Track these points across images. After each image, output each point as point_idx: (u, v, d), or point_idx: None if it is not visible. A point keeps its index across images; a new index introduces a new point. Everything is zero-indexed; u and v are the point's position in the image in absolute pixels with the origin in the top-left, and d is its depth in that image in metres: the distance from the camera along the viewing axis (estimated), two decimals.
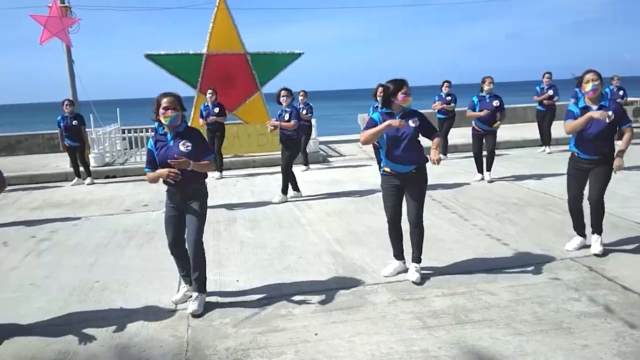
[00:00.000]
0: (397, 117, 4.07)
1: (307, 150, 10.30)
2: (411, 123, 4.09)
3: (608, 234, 4.79)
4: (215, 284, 4.29)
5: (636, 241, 4.82)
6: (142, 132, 11.44)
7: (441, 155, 10.08)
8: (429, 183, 4.33)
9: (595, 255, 4.47)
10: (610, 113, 4.28)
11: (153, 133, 4.27)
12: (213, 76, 11.44)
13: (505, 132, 8.42)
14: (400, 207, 4.25)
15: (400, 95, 4.01)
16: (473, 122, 8.01)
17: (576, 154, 4.54)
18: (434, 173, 8.66)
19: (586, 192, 4.55)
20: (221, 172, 9.54)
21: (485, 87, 7.88)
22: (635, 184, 7.20)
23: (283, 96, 7.31)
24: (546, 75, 10.70)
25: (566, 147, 10.40)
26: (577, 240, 4.69)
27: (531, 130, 12.18)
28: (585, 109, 4.36)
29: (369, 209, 6.65)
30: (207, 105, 9.48)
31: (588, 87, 4.29)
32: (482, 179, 8.00)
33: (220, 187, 8.59)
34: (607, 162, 4.41)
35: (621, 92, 10.95)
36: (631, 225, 5.31)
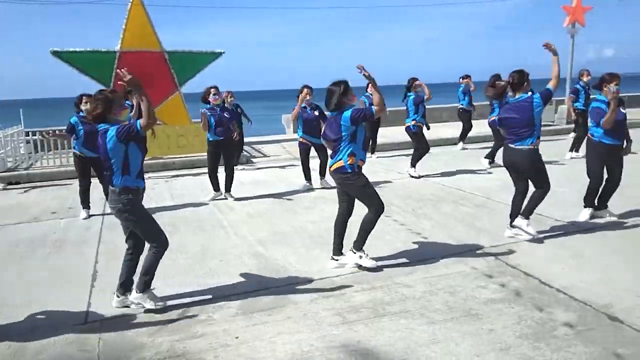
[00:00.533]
0: None
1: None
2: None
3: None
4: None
5: (537, 231, 5.22)
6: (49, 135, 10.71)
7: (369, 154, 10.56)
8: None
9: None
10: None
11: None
12: None
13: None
14: None
15: (350, 95, 4.26)
16: (416, 121, 8.27)
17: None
18: None
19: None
20: None
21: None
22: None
23: (214, 94, 7.06)
24: (465, 78, 11.33)
25: (481, 145, 11.10)
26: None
27: (446, 130, 12.85)
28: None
29: (293, 209, 6.69)
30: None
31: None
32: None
33: None
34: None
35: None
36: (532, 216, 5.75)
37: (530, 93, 4.87)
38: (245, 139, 12.81)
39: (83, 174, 6.60)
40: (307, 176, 7.85)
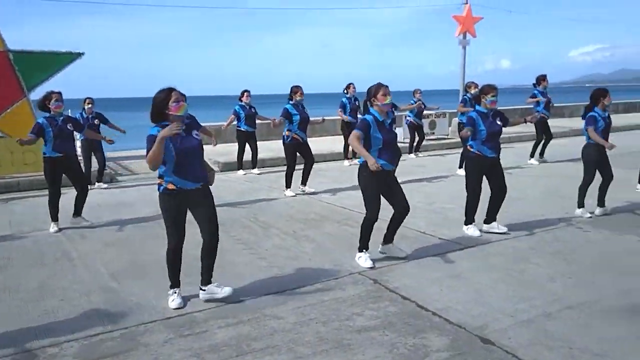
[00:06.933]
0: (181, 130, 4.02)
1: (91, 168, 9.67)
2: (195, 135, 4.19)
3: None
4: None
5: (420, 250, 5.48)
6: None
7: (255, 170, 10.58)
8: (227, 201, 4.41)
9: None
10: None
11: None
12: None
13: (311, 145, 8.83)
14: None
15: (172, 105, 4.03)
16: (292, 132, 8.33)
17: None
18: (235, 190, 8.78)
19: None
20: None
21: (297, 97, 8.37)
22: (424, 194, 8.27)
23: (56, 100, 6.57)
24: (351, 86, 11.72)
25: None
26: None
27: (337, 144, 13.21)
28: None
29: (160, 234, 6.39)
30: None
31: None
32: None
33: None
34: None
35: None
36: (416, 235, 6.04)
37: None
38: (113, 154, 12.21)
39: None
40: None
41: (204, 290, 4.37)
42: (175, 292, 4.29)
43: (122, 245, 6.02)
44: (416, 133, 12.61)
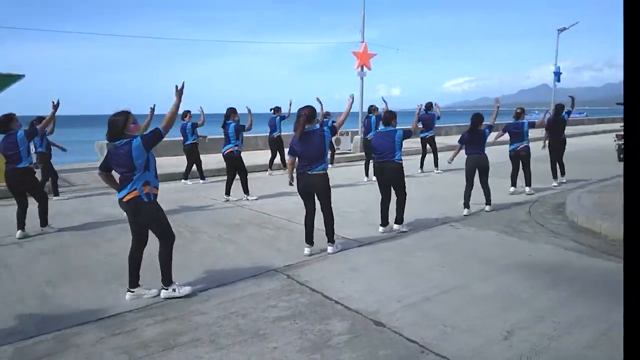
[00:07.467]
0: None
1: None
2: None
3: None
4: None
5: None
6: None
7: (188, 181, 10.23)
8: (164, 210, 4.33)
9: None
10: None
11: None
12: None
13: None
14: None
15: (131, 126, 3.99)
16: (239, 147, 8.38)
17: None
18: (169, 199, 8.41)
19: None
20: None
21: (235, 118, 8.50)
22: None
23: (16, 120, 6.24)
24: (279, 109, 11.91)
25: (281, 172, 11.48)
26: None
27: (261, 157, 13.08)
28: None
29: (94, 242, 5.98)
30: None
31: None
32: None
33: None
34: None
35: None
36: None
37: (318, 126, 5.18)
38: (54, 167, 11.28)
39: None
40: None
41: (133, 292, 4.14)
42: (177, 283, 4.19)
43: (58, 253, 5.55)
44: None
